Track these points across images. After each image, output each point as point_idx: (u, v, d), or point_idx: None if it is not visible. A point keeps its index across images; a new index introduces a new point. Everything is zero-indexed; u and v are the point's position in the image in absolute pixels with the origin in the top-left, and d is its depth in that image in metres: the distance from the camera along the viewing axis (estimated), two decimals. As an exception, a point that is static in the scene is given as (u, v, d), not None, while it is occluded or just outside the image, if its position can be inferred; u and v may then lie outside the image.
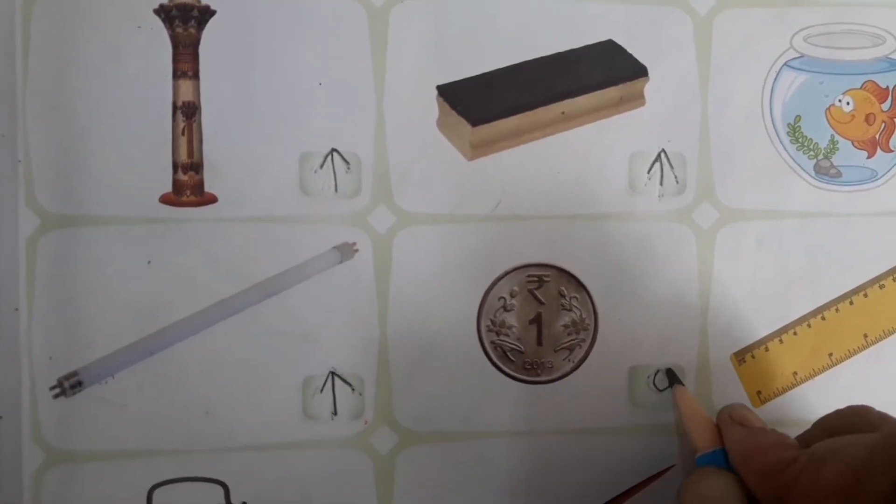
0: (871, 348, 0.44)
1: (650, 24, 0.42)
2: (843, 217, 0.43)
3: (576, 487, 0.42)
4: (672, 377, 0.42)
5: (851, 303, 0.43)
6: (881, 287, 0.44)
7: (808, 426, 0.42)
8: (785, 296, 0.43)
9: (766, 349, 0.43)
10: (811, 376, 0.43)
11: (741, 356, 0.43)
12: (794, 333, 0.43)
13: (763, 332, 0.43)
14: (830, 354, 0.43)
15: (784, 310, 0.43)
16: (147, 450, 0.40)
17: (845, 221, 0.43)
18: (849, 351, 0.43)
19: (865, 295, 0.43)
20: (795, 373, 0.43)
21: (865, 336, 0.43)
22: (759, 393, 0.43)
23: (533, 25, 0.42)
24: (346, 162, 0.40)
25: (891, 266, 0.44)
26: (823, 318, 0.43)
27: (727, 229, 0.43)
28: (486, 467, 0.42)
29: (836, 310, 0.43)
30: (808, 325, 0.43)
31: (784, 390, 0.43)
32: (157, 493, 0.40)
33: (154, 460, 0.40)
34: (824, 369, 0.43)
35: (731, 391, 0.43)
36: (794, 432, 0.41)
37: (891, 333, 0.44)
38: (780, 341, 0.43)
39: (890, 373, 0.43)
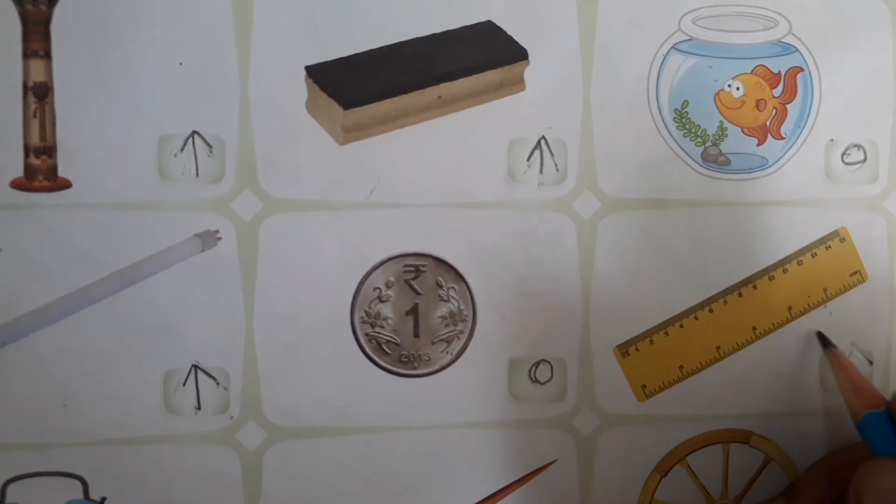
0: (760, 341, 0.42)
1: (531, 4, 0.41)
2: (732, 206, 0.42)
3: (455, 483, 0.41)
4: (824, 341, 0.42)
5: (740, 294, 0.42)
6: (770, 279, 0.42)
7: (695, 421, 0.41)
8: (671, 287, 0.42)
9: (651, 342, 0.42)
10: (698, 370, 0.42)
11: (624, 349, 0.42)
12: (681, 326, 0.42)
13: (648, 325, 0.42)
14: (718, 348, 0.42)
15: (670, 302, 0.42)
16: (1, 444, 0.38)
17: (734, 211, 0.42)
18: (737, 344, 0.42)
19: (755, 287, 0.42)
20: (682, 366, 0.42)
21: (754, 329, 0.42)
22: (643, 387, 0.42)
23: (408, 4, 0.40)
24: (209, 145, 0.39)
25: (781, 257, 0.42)
26: (711, 311, 0.42)
27: (609, 219, 0.41)
28: (359, 464, 0.40)
29: (725, 302, 0.42)
30: (696, 318, 0.42)
31: (670, 384, 0.42)
32: (11, 487, 0.39)
33: (9, 454, 0.39)
34: (712, 363, 0.42)
35: (614, 385, 0.42)
36: (680, 428, 0.40)
37: (780, 326, 0.43)
38: (666, 334, 0.42)
39: (779, 366, 0.42)
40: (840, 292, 0.43)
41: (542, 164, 0.41)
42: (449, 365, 0.41)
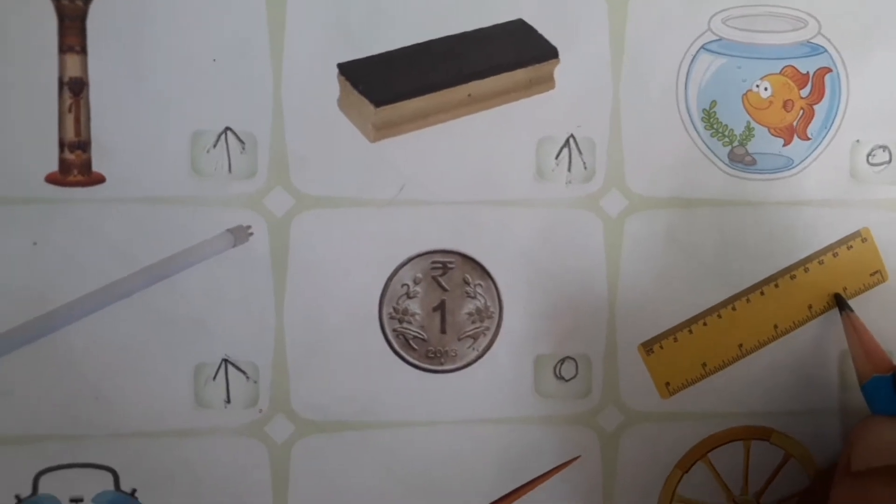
0: (781, 339, 0.43)
1: (562, 3, 0.41)
2: (757, 206, 0.42)
3: (479, 478, 0.42)
4: (841, 302, 0.42)
5: (762, 293, 0.43)
6: (792, 278, 0.43)
7: (717, 418, 0.42)
8: (695, 285, 0.42)
9: (675, 339, 0.42)
10: (721, 367, 0.43)
11: (649, 347, 0.42)
12: (704, 324, 0.42)
13: (672, 322, 0.42)
14: (741, 345, 0.43)
15: (694, 300, 0.42)
16: (34, 435, 0.39)
17: (759, 210, 0.42)
18: (759, 342, 0.43)
19: (776, 285, 0.43)
20: (705, 364, 0.42)
21: (776, 327, 0.43)
22: (667, 384, 0.42)
23: (440, 2, 0.40)
24: (241, 142, 0.39)
25: (803, 256, 0.43)
26: (734, 309, 0.43)
27: (636, 217, 0.42)
28: (386, 458, 0.41)
29: (748, 300, 0.43)
30: (719, 316, 0.42)
31: (693, 381, 0.43)
32: (43, 479, 0.39)
33: (41, 445, 0.39)
34: (734, 360, 0.43)
35: (638, 382, 0.42)
36: (702, 424, 0.41)
37: (801, 324, 0.43)
38: (690, 332, 0.42)
39: (799, 364, 0.43)
40: (860, 291, 0.44)
41: (570, 162, 0.41)
42: (475, 361, 0.41)
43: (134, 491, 0.40)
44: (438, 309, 0.41)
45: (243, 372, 0.40)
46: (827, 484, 0.38)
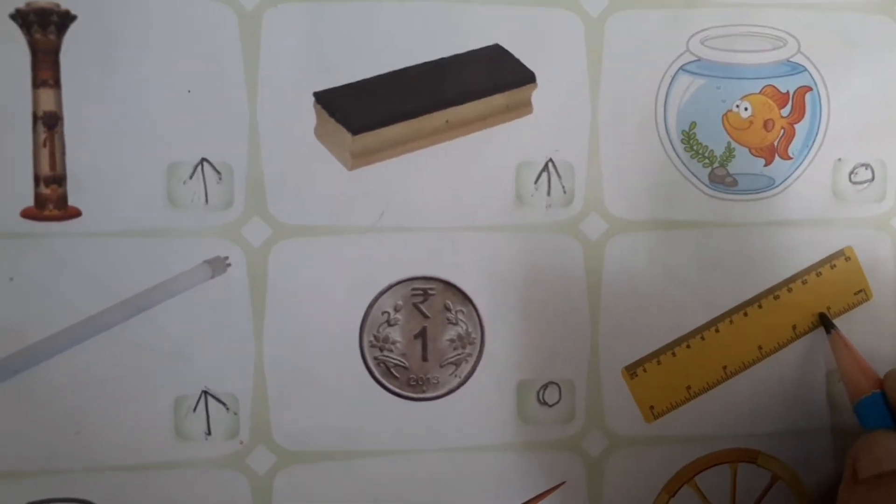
0: (766, 360, 0.42)
1: (538, 27, 0.41)
2: (739, 227, 0.42)
3: (464, 505, 0.41)
4: (827, 322, 0.42)
5: (746, 314, 0.42)
6: (776, 298, 0.42)
7: (702, 441, 0.41)
8: (678, 308, 0.42)
9: (659, 362, 0.42)
10: (706, 389, 0.42)
11: (633, 370, 0.42)
12: (688, 346, 0.42)
13: (655, 345, 0.42)
14: (725, 367, 0.42)
15: (677, 322, 0.42)
16: (14, 471, 0.39)
17: (741, 231, 0.42)
18: (743, 363, 0.43)
19: (760, 306, 0.42)
20: (689, 386, 0.42)
21: (760, 348, 0.43)
22: (651, 407, 0.42)
23: (415, 29, 0.40)
24: (218, 172, 0.39)
25: (786, 276, 0.43)
26: (717, 331, 0.42)
27: (616, 240, 0.41)
28: (369, 487, 0.41)
29: (731, 321, 0.42)
30: (703, 338, 0.42)
31: (678, 404, 0.42)
32: (24, 515, 0.39)
33: (22, 481, 0.39)
34: (719, 382, 0.43)
35: (622, 406, 0.42)
36: (688, 448, 0.40)
37: (786, 345, 0.43)
38: (674, 354, 0.42)
39: (784, 385, 0.42)
40: (844, 310, 0.44)
41: (549, 186, 0.41)
42: (457, 388, 0.41)
43: (115, 525, 0.39)
44: (420, 336, 0.41)
45: (223, 403, 0.40)
46: None
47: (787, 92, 0.43)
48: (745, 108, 0.42)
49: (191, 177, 0.39)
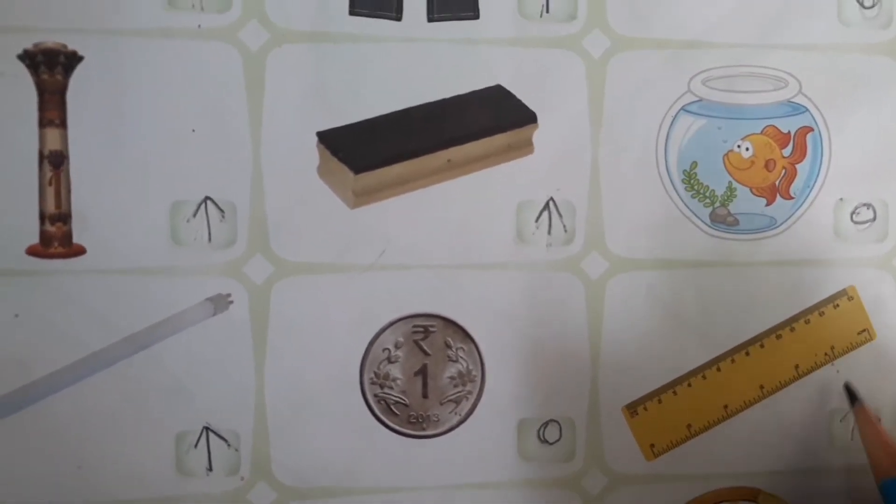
0: (767, 399, 0.42)
1: (540, 68, 0.41)
2: (741, 266, 0.42)
3: (463, 542, 0.41)
4: (852, 395, 0.41)
5: (747, 353, 0.42)
6: (777, 337, 0.42)
7: (703, 480, 0.41)
8: (679, 347, 0.42)
9: (660, 401, 0.42)
10: (706, 428, 0.42)
11: (633, 408, 0.42)
12: (689, 385, 0.42)
13: (656, 384, 0.42)
14: (726, 406, 0.42)
15: (678, 361, 0.42)
16: (17, 505, 0.39)
17: (741, 271, 0.42)
18: (744, 402, 0.43)
19: (762, 345, 0.42)
20: (690, 425, 0.42)
21: (762, 387, 0.43)
22: (652, 446, 0.42)
23: (418, 70, 0.40)
24: (221, 210, 0.39)
25: (788, 316, 0.43)
26: (719, 370, 0.42)
27: (617, 279, 0.41)
28: (368, 523, 0.41)
29: (732, 360, 0.42)
30: (704, 377, 0.42)
31: (678, 443, 0.42)
32: (26, 549, 0.39)
33: (24, 516, 0.39)
34: (719, 421, 0.43)
35: (623, 444, 0.42)
36: (688, 486, 0.40)
37: (787, 384, 0.43)
38: (674, 393, 0.42)
39: (786, 424, 0.42)
40: (847, 350, 0.44)
41: (550, 225, 0.41)
42: (458, 425, 0.41)
43: (116, 560, 0.40)
44: (420, 373, 0.41)
45: (224, 440, 0.40)
46: None
47: (789, 132, 0.43)
48: (747, 149, 0.42)
49: (194, 215, 0.39)
